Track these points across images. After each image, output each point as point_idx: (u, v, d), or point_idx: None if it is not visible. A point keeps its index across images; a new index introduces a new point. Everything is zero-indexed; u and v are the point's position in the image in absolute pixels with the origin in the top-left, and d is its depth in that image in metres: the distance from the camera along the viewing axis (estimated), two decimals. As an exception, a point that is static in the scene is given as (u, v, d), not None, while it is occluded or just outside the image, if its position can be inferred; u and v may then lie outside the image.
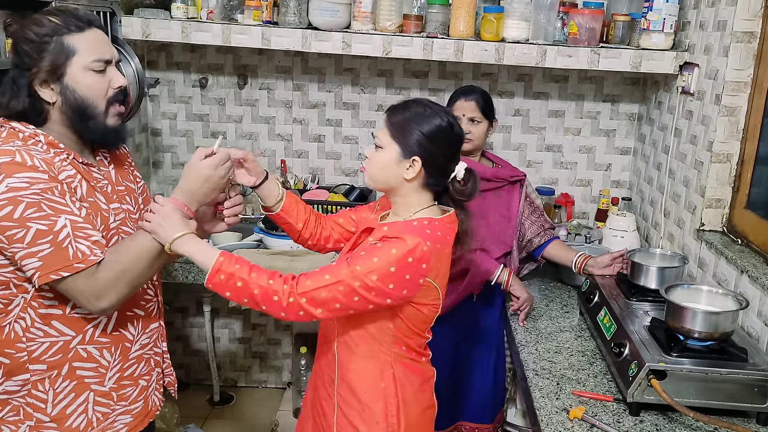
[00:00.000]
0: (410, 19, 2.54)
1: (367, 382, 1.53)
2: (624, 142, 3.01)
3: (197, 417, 3.08)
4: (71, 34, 1.36)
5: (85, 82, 1.37)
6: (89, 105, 1.39)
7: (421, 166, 1.46)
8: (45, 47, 1.34)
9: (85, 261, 1.30)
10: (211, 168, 1.44)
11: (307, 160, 3.12)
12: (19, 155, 1.29)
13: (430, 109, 1.50)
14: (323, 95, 3.03)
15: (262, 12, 2.54)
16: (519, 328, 2.10)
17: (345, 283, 1.39)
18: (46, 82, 1.36)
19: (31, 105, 1.36)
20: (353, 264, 1.40)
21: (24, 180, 1.27)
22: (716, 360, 1.60)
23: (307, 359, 3.07)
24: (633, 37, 2.56)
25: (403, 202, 1.52)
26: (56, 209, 1.29)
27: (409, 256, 1.39)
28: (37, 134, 1.36)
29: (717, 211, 2.19)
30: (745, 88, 2.08)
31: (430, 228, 1.45)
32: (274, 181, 1.65)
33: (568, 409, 1.60)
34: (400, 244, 1.40)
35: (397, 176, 1.48)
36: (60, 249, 1.28)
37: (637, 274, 2.01)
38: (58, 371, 1.40)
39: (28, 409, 1.40)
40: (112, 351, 1.47)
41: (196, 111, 3.08)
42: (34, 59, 1.34)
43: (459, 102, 2.24)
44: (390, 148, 1.48)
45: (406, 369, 1.55)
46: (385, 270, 1.38)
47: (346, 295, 1.39)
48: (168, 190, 3.17)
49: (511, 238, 2.33)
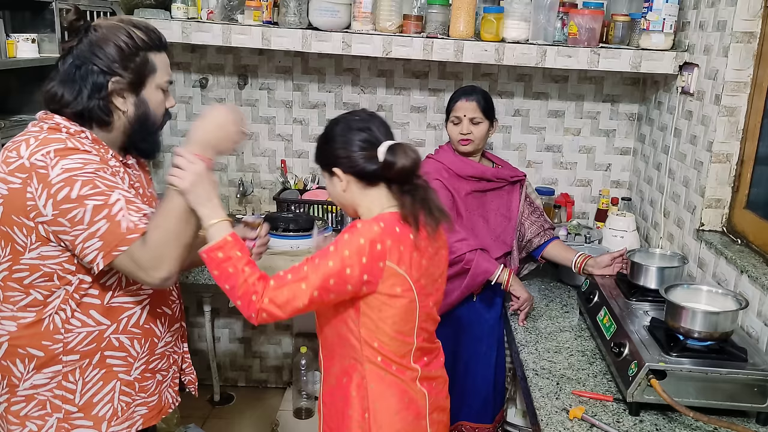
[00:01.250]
0: (410, 20, 2.54)
1: (340, 389, 1.54)
2: (624, 142, 3.01)
3: (197, 417, 3.08)
4: (154, 52, 1.43)
5: (155, 100, 1.46)
6: (154, 121, 1.47)
7: (342, 172, 1.50)
8: (134, 59, 1.39)
9: (137, 230, 1.32)
10: (224, 114, 1.42)
11: (307, 160, 3.12)
12: (70, 142, 1.34)
13: (328, 125, 1.56)
14: (323, 95, 3.03)
15: (262, 12, 2.54)
16: (519, 328, 2.10)
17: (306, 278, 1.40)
18: (122, 92, 1.40)
19: (103, 107, 1.39)
20: (312, 259, 1.43)
21: (78, 161, 1.31)
22: (716, 360, 1.60)
23: (307, 359, 3.07)
24: (633, 37, 2.57)
25: (364, 210, 1.54)
26: (110, 185, 1.32)
27: (361, 237, 1.40)
28: (83, 131, 1.39)
29: (717, 211, 2.19)
30: (745, 88, 2.09)
31: (388, 217, 1.47)
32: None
33: (568, 408, 1.60)
34: (352, 230, 1.43)
35: (341, 195, 1.54)
36: (114, 224, 1.30)
37: (636, 274, 2.01)
38: (89, 360, 1.44)
39: (56, 401, 1.42)
40: (142, 343, 1.51)
41: (197, 111, 3.08)
42: (120, 67, 1.38)
43: (460, 102, 2.23)
44: (325, 177, 1.57)
45: (380, 384, 1.49)
46: (340, 254, 1.40)
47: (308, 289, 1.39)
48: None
49: (512, 238, 2.34)
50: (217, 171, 3.15)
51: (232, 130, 1.43)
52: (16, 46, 2.10)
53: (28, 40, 2.12)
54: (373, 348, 1.48)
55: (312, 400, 3.17)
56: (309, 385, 3.13)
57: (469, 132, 2.22)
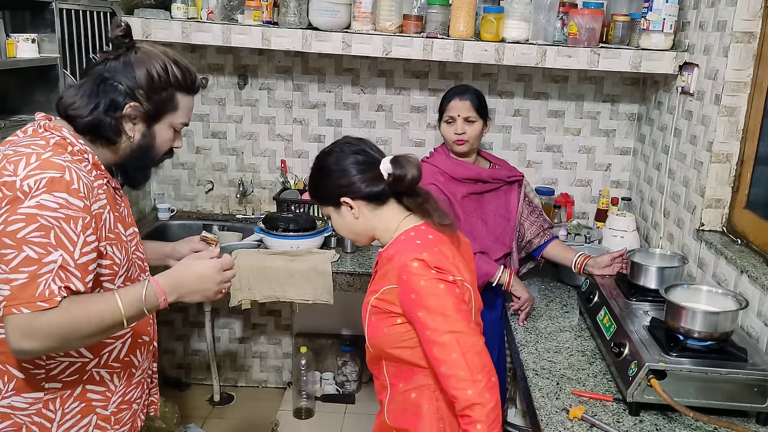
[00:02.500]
0: (410, 20, 2.54)
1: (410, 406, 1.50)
2: (624, 142, 3.01)
3: (197, 417, 3.08)
4: (183, 93, 1.41)
5: (163, 137, 1.43)
6: (154, 156, 1.44)
7: (351, 200, 1.50)
8: (160, 92, 1.37)
9: (49, 301, 1.22)
10: (214, 269, 1.40)
11: (307, 160, 3.12)
12: (68, 173, 1.26)
13: (317, 161, 1.58)
14: (323, 95, 3.03)
15: (262, 12, 2.54)
16: (519, 328, 2.10)
17: (459, 337, 1.37)
18: (135, 118, 1.37)
19: (110, 125, 1.35)
20: (435, 324, 1.37)
21: (58, 201, 1.24)
22: (716, 360, 1.60)
23: (307, 359, 3.07)
24: (633, 37, 2.57)
25: (381, 231, 1.54)
26: (61, 242, 1.24)
27: (432, 269, 1.39)
28: (86, 151, 1.35)
29: (717, 211, 2.19)
30: (745, 88, 2.09)
31: (417, 236, 1.47)
32: None
33: (568, 408, 1.60)
34: (416, 284, 1.39)
35: (353, 224, 1.53)
36: (33, 283, 1.21)
37: (636, 274, 2.01)
38: (71, 392, 1.39)
39: (33, 428, 1.37)
40: (121, 375, 1.47)
41: (196, 111, 3.08)
42: (143, 94, 1.35)
43: (453, 102, 2.23)
44: (330, 211, 1.56)
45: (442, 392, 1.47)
46: (442, 301, 1.38)
47: (468, 337, 1.38)
48: (168, 190, 3.18)
49: (511, 239, 2.33)
50: (217, 171, 3.15)
51: (211, 290, 1.40)
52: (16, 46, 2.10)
53: (28, 40, 2.11)
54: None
55: (312, 400, 3.17)
56: (309, 385, 3.13)
57: (463, 132, 2.21)
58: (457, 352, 1.36)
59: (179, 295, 1.37)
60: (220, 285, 1.42)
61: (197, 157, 3.14)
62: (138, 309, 1.32)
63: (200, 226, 3.08)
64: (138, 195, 3.02)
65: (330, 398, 3.25)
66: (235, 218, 3.15)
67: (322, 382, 3.28)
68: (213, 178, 3.17)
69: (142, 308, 1.32)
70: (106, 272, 1.36)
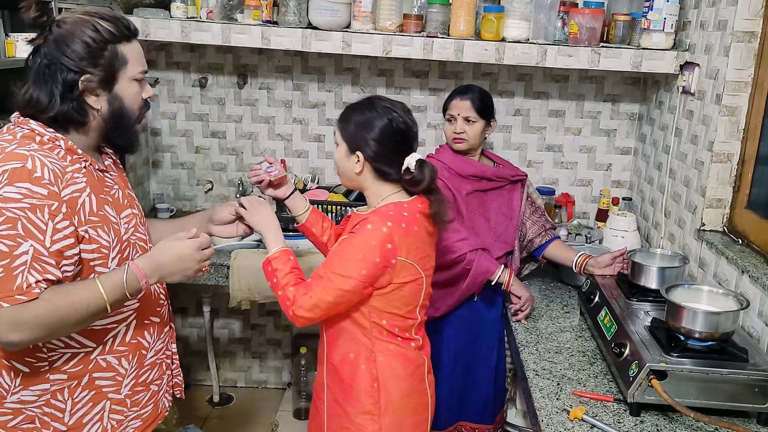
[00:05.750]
0: (410, 19, 2.53)
1: (347, 364, 1.65)
2: (624, 142, 3.00)
3: (197, 417, 3.07)
4: (123, 43, 1.36)
5: (130, 93, 1.39)
6: (130, 115, 1.41)
7: (364, 159, 1.61)
8: (102, 54, 1.33)
9: (27, 293, 1.23)
10: (192, 248, 1.41)
11: (307, 159, 3.11)
12: (30, 161, 1.25)
13: (373, 107, 1.63)
14: (323, 95, 3.03)
15: (261, 11, 2.53)
16: (519, 328, 2.10)
17: (328, 285, 1.54)
18: (95, 89, 1.34)
19: (77, 109, 1.33)
20: (329, 264, 1.57)
21: (21, 191, 1.23)
22: (717, 360, 1.59)
23: (307, 359, 3.07)
24: (633, 36, 2.56)
25: (371, 194, 1.67)
26: (30, 232, 1.23)
27: (371, 240, 1.53)
28: (57, 138, 1.33)
29: (717, 211, 2.18)
30: (746, 87, 2.08)
31: (393, 209, 1.59)
32: (300, 196, 1.89)
33: (569, 409, 1.60)
34: (362, 232, 1.55)
35: (350, 170, 1.65)
36: (9, 277, 1.22)
37: (637, 274, 2.01)
38: (78, 381, 1.40)
39: (45, 419, 1.39)
40: (130, 359, 1.47)
41: (196, 111, 3.08)
42: (89, 64, 1.31)
43: (455, 101, 2.24)
44: (341, 145, 1.66)
45: (388, 355, 1.65)
46: (353, 258, 1.53)
47: (331, 293, 1.54)
48: (167, 190, 3.17)
49: (513, 237, 2.33)
50: (217, 171, 3.15)
51: (191, 268, 1.42)
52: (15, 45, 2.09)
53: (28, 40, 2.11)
54: (381, 326, 1.63)
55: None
56: (309, 386, 3.13)
57: (462, 131, 2.22)
58: (314, 280, 1.55)
59: (160, 276, 1.39)
60: (200, 263, 1.44)
61: (197, 157, 3.13)
62: (120, 293, 1.33)
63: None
64: (137, 195, 3.01)
65: (330, 398, 3.25)
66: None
67: (322, 383, 3.27)
68: (213, 177, 3.16)
69: (124, 292, 1.34)
70: (95, 256, 1.36)
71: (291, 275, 1.59)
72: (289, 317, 1.57)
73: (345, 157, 1.65)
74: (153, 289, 1.53)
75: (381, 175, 1.63)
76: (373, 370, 1.64)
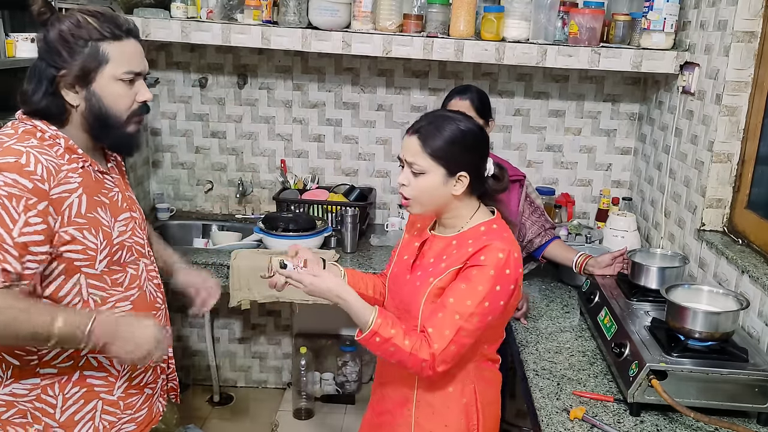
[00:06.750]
0: (410, 19, 2.53)
1: (449, 401, 1.56)
2: (624, 142, 3.00)
3: (197, 417, 3.07)
4: (107, 42, 1.33)
5: (112, 92, 1.35)
6: (112, 115, 1.36)
7: (469, 179, 1.49)
8: (79, 50, 1.31)
9: None
10: (151, 339, 1.33)
11: (307, 159, 3.11)
12: (25, 158, 1.26)
13: (459, 121, 1.49)
14: (323, 95, 3.03)
15: (261, 11, 2.53)
16: (519, 328, 2.10)
17: (463, 327, 1.43)
18: (73, 85, 1.33)
19: (54, 103, 1.33)
20: (460, 302, 1.43)
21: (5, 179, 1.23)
22: (717, 360, 1.59)
23: (307, 359, 3.06)
24: (633, 36, 2.56)
25: (455, 215, 1.55)
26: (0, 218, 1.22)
27: (505, 269, 1.44)
28: (58, 136, 1.34)
29: (718, 211, 2.18)
30: (746, 87, 2.08)
31: (502, 229, 1.52)
32: (332, 265, 1.68)
33: (569, 409, 1.60)
34: (496, 263, 1.43)
35: (444, 196, 1.50)
36: None
37: (637, 274, 2.01)
38: (68, 377, 1.40)
39: (37, 413, 1.39)
40: None
41: (196, 111, 3.08)
42: (65, 59, 1.31)
43: (453, 101, 2.23)
44: (434, 172, 1.46)
45: (485, 383, 1.60)
46: (491, 290, 1.43)
47: (473, 335, 1.45)
48: (167, 190, 3.17)
49: (512, 237, 2.33)
50: (217, 171, 3.15)
51: (143, 354, 1.33)
52: (15, 45, 2.10)
53: (28, 40, 2.11)
54: (482, 352, 1.58)
55: (312, 401, 3.16)
56: (309, 386, 3.13)
57: None
58: (451, 330, 1.41)
59: (109, 344, 1.31)
60: (151, 352, 1.34)
61: (197, 157, 3.13)
62: (73, 336, 1.28)
63: (200, 226, 3.08)
64: (137, 195, 3.01)
65: (330, 399, 3.25)
66: (235, 218, 3.14)
67: (322, 383, 3.27)
68: (212, 177, 3.16)
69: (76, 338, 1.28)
70: (81, 257, 1.34)
71: (407, 336, 1.42)
72: (423, 377, 1.47)
73: (441, 184, 1.47)
74: (150, 292, 1.52)
75: (474, 190, 1.53)
76: (474, 401, 1.57)
